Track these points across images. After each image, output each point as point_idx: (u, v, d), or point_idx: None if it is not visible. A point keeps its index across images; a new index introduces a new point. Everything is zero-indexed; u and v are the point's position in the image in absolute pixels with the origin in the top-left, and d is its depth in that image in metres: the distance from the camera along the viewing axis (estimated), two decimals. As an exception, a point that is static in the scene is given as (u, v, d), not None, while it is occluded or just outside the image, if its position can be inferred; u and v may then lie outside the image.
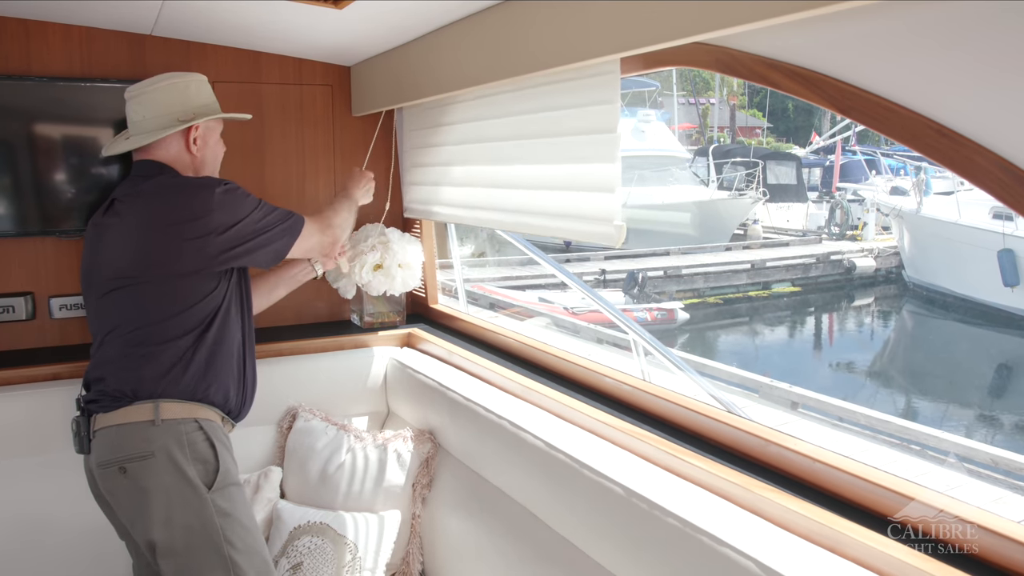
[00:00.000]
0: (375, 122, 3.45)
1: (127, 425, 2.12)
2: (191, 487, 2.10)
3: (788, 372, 10.94)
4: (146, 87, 2.33)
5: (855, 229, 23.87)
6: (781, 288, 20.33)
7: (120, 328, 2.19)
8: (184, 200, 2.19)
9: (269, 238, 2.30)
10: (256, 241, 2.26)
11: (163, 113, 2.31)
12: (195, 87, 2.38)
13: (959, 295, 16.87)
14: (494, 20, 2.24)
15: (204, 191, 2.19)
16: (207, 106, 2.40)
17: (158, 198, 2.21)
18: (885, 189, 21.28)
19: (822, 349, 17.72)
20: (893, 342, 17.90)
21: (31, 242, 2.90)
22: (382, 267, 3.17)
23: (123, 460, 2.10)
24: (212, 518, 2.10)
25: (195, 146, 2.36)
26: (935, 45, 1.27)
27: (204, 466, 2.14)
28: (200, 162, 2.39)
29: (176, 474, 2.10)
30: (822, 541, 1.64)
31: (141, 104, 2.33)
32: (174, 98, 2.33)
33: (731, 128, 42.33)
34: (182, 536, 2.08)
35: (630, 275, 17.57)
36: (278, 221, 2.32)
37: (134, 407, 2.13)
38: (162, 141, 2.31)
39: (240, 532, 2.14)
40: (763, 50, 1.56)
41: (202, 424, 2.19)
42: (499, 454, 2.46)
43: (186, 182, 2.28)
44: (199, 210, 2.16)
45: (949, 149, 1.28)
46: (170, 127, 2.30)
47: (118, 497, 2.14)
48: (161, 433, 2.12)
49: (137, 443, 2.11)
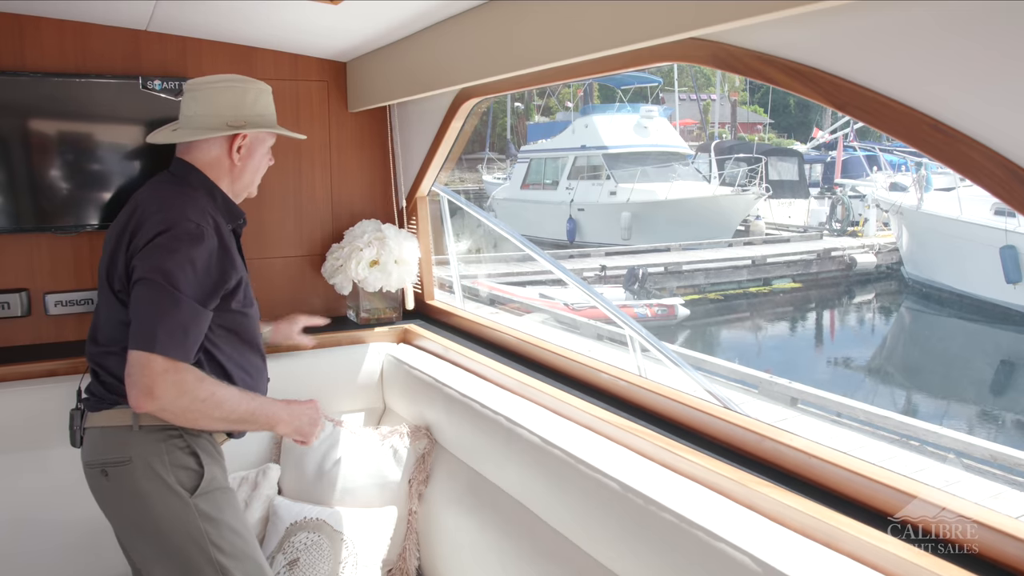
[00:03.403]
0: (371, 118, 3.44)
1: (109, 428, 2.10)
2: (172, 493, 2.05)
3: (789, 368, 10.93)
4: (205, 83, 2.24)
5: (856, 225, 23.85)
6: (782, 284, 20.31)
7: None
8: (153, 216, 2.05)
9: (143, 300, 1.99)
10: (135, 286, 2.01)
11: (214, 113, 2.21)
12: (253, 95, 2.27)
13: (959, 291, 16.84)
14: (490, 16, 2.24)
15: (166, 217, 2.05)
16: (262, 116, 2.29)
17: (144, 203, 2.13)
18: (884, 185, 21.24)
19: (823, 345, 17.71)
20: (892, 338, 17.90)
21: (26, 238, 2.90)
22: (378, 263, 3.17)
23: (104, 463, 2.08)
24: (196, 523, 2.05)
25: (238, 154, 2.25)
26: (930, 40, 1.27)
27: (186, 472, 2.09)
28: (239, 172, 2.28)
29: (155, 480, 2.05)
30: (817, 536, 1.64)
31: (195, 100, 2.24)
32: (229, 101, 2.23)
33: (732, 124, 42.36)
34: (165, 542, 2.04)
35: (630, 271, 17.57)
36: (157, 309, 1.96)
37: (116, 411, 2.10)
38: (205, 142, 2.22)
39: (229, 536, 2.10)
40: (759, 46, 1.56)
41: (183, 432, 2.12)
42: (495, 450, 2.45)
43: (167, 205, 2.10)
44: (147, 227, 2.04)
45: (944, 144, 1.28)
46: (217, 129, 2.20)
47: (102, 498, 2.13)
48: (139, 439, 2.07)
49: (116, 448, 2.08)
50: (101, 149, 2.90)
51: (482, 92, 2.74)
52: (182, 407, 1.97)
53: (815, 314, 19.82)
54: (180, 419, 2.01)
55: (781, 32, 1.50)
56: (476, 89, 2.74)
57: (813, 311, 19.88)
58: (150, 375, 1.91)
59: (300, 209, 3.39)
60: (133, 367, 1.92)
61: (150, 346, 1.92)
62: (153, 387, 1.91)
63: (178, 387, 1.95)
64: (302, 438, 2.29)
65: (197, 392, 1.99)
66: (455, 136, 3.10)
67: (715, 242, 21.43)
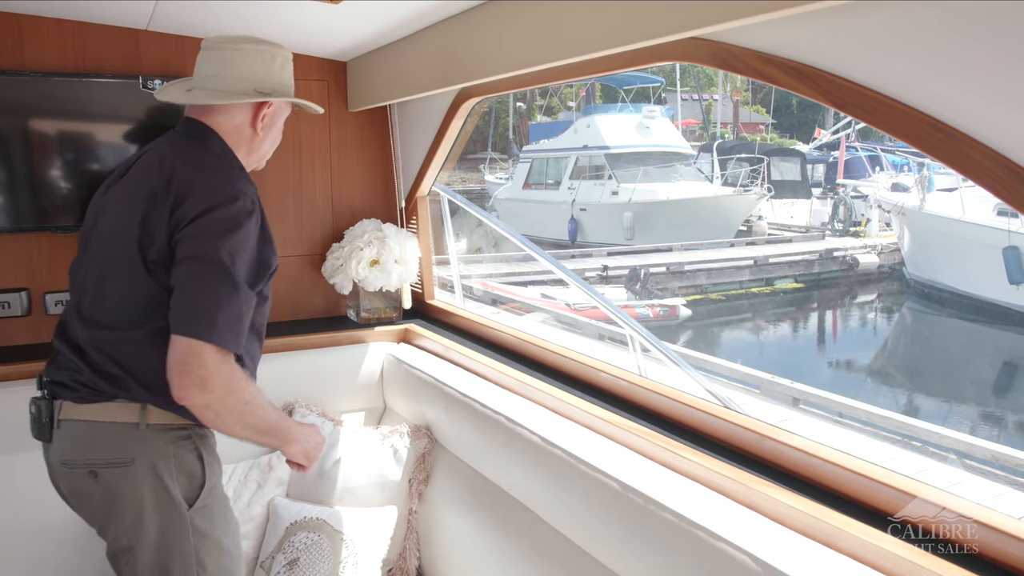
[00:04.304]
0: (372, 117, 3.44)
1: (104, 424, 1.87)
2: (172, 503, 1.88)
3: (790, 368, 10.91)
4: (230, 43, 2.01)
5: (858, 226, 23.82)
6: (784, 284, 20.30)
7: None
8: (201, 184, 1.87)
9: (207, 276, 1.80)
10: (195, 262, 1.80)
11: (242, 77, 2.00)
12: (280, 62, 2.07)
13: (961, 292, 16.80)
14: (489, 15, 2.24)
15: (219, 187, 1.88)
16: (286, 86, 2.10)
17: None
18: (887, 186, 21.21)
19: (825, 346, 17.69)
20: (893, 339, 17.87)
21: (26, 238, 2.90)
22: (378, 263, 3.17)
23: (95, 463, 1.86)
24: (188, 538, 1.90)
25: (261, 123, 2.06)
26: (931, 40, 1.27)
27: (189, 480, 1.92)
28: (259, 142, 2.10)
29: (157, 487, 1.87)
30: (817, 536, 1.64)
31: (219, 60, 2.00)
32: (259, 66, 2.02)
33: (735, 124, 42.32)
34: (151, 554, 1.88)
35: (632, 271, 17.57)
36: (216, 294, 1.78)
37: (117, 405, 1.88)
38: (229, 106, 2.02)
39: (215, 553, 1.96)
40: (759, 45, 1.56)
41: (191, 432, 1.95)
42: (495, 450, 2.45)
43: (214, 173, 1.93)
44: (196, 196, 1.85)
45: (944, 144, 1.28)
46: (245, 95, 2.00)
47: (84, 500, 1.92)
48: (145, 439, 1.87)
49: (115, 447, 1.86)
50: (101, 149, 2.90)
51: (482, 92, 2.74)
52: (228, 406, 1.79)
53: (817, 314, 19.79)
54: (215, 419, 1.81)
55: (781, 31, 1.50)
56: (476, 89, 2.73)
57: (815, 311, 19.86)
58: (206, 366, 1.72)
59: (300, 208, 3.39)
60: (185, 355, 1.72)
61: (207, 335, 1.72)
62: (208, 379, 1.72)
63: (228, 383, 1.77)
64: (307, 463, 2.10)
65: (243, 392, 1.82)
66: (455, 136, 3.10)
67: (717, 242, 21.41)
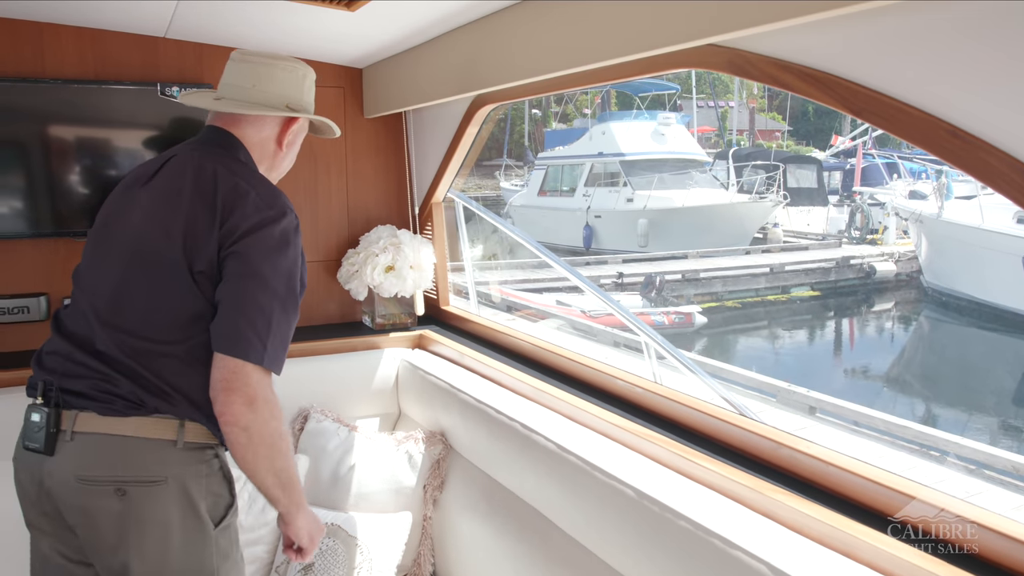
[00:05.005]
0: (387, 124, 3.45)
1: (139, 440, 1.75)
2: (199, 524, 1.79)
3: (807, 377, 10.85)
4: (267, 58, 2.01)
5: (875, 233, 23.69)
6: (800, 292, 20.19)
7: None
8: (249, 197, 1.83)
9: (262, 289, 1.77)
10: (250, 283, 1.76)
11: (277, 92, 2.01)
12: (309, 83, 2.09)
13: (980, 300, 16.64)
14: (505, 22, 2.24)
15: (268, 202, 1.84)
16: (312, 106, 2.12)
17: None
18: (904, 193, 21.08)
19: (842, 354, 17.57)
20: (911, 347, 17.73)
21: (45, 243, 2.92)
22: (393, 269, 3.17)
23: (125, 481, 1.72)
24: (211, 560, 1.82)
25: (286, 139, 2.06)
26: (948, 45, 1.26)
27: (216, 500, 1.84)
28: (280, 159, 2.09)
29: (186, 508, 1.78)
30: (834, 544, 1.62)
31: (255, 72, 1.99)
32: (293, 84, 2.03)
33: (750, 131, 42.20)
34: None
35: (648, 278, 17.55)
36: (268, 315, 1.75)
37: (155, 420, 1.77)
38: (258, 120, 2.01)
39: (233, 575, 1.90)
40: (775, 52, 1.55)
41: (217, 451, 1.87)
42: (510, 456, 2.45)
43: (260, 189, 1.87)
44: (245, 209, 1.81)
45: (962, 151, 1.27)
46: (277, 109, 2.00)
47: (96, 519, 1.74)
48: (180, 458, 1.78)
49: (151, 465, 1.75)
50: (119, 155, 2.92)
51: (498, 98, 2.74)
52: (264, 435, 1.72)
53: (834, 322, 19.67)
54: (247, 447, 1.72)
55: (797, 38, 1.49)
56: (492, 95, 2.74)
57: (832, 319, 19.74)
58: (253, 386, 1.69)
59: (316, 215, 3.40)
60: (234, 375, 1.69)
61: (258, 357, 1.70)
62: (255, 399, 1.69)
63: (271, 409, 1.73)
64: (309, 545, 1.97)
65: (279, 425, 1.76)
66: (471, 142, 3.11)
67: (733, 249, 21.33)
